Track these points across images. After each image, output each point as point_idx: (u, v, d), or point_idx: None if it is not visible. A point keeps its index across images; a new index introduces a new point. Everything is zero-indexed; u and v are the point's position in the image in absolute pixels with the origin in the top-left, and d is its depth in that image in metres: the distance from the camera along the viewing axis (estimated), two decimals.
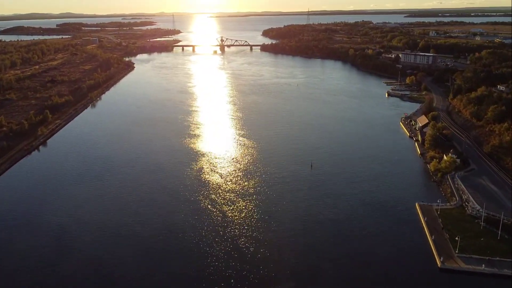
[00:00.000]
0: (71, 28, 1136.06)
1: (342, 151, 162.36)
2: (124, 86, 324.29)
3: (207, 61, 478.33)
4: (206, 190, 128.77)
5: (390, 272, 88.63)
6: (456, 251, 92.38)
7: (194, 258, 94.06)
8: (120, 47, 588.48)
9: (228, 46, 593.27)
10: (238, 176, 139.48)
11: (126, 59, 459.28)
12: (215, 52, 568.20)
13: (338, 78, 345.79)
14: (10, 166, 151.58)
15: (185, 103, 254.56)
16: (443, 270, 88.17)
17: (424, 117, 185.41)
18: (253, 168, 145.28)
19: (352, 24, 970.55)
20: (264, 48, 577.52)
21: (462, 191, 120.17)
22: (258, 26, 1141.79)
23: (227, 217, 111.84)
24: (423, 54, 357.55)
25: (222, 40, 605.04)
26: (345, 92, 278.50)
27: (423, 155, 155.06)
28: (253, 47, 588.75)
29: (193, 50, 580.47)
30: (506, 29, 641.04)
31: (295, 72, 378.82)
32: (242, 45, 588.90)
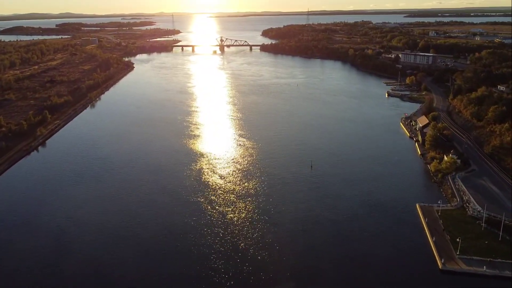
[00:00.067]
0: (71, 28, 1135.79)
1: (342, 152, 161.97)
2: (123, 86, 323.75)
3: (207, 61, 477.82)
4: (205, 190, 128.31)
5: (390, 274, 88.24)
6: (457, 253, 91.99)
7: (194, 258, 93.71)
8: (119, 47, 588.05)
9: (228, 46, 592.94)
10: (238, 176, 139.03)
11: (126, 59, 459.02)
12: (215, 52, 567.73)
13: (337, 78, 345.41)
14: (9, 167, 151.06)
15: (184, 103, 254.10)
16: (444, 271, 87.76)
17: (424, 117, 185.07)
18: (252, 169, 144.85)
19: (352, 24, 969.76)
20: (263, 48, 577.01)
21: (463, 192, 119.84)
22: (257, 26, 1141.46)
23: (226, 218, 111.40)
24: (423, 54, 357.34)
25: (222, 40, 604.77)
26: (345, 92, 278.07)
27: (423, 155, 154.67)
28: (252, 47, 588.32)
29: (192, 50, 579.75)
30: (506, 29, 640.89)
31: (295, 72, 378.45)
32: (242, 45, 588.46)
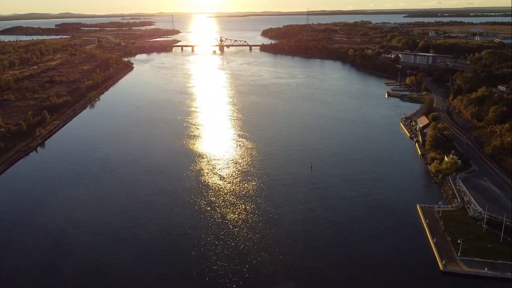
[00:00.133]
0: (70, 28, 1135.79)
1: (342, 152, 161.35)
2: (123, 87, 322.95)
3: (206, 61, 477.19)
4: (205, 191, 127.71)
5: (391, 275, 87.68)
6: (458, 254, 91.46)
7: (194, 259, 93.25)
8: (119, 47, 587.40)
9: (228, 46, 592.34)
10: (238, 177, 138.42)
11: (125, 59, 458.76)
12: (214, 52, 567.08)
13: (337, 78, 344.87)
14: (7, 168, 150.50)
15: (184, 103, 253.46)
16: (445, 273, 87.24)
17: (425, 117, 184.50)
18: (252, 170, 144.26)
19: (352, 24, 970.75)
20: (263, 48, 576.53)
21: (463, 192, 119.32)
22: (257, 26, 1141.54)
23: (226, 218, 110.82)
24: (423, 54, 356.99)
25: (221, 40, 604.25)
26: (344, 93, 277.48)
27: (423, 156, 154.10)
28: (252, 47, 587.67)
29: (192, 50, 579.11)
30: (506, 29, 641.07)
31: (295, 72, 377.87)
32: (242, 45, 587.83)
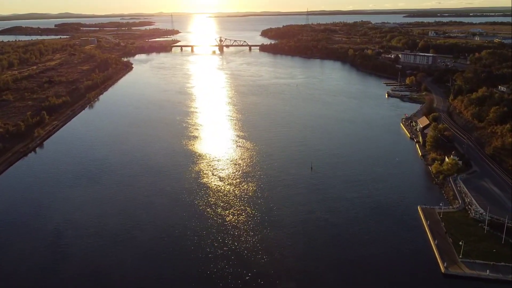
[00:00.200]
0: (70, 28, 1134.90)
1: (342, 153, 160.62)
2: (122, 87, 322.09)
3: (206, 61, 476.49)
4: (205, 192, 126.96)
5: (391, 277, 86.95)
6: (460, 256, 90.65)
7: (193, 261, 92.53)
8: (118, 47, 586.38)
9: (227, 46, 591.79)
10: (237, 178, 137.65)
11: (125, 59, 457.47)
12: (214, 52, 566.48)
13: (337, 78, 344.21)
14: (6, 169, 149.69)
15: (183, 104, 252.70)
16: (447, 275, 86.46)
17: (425, 118, 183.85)
18: (252, 170, 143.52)
19: (351, 24, 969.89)
20: (263, 48, 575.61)
21: (464, 194, 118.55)
22: (257, 26, 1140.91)
23: (226, 220, 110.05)
24: (422, 54, 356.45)
25: (221, 40, 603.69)
26: (344, 93, 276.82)
27: (424, 156, 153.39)
28: (252, 47, 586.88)
29: (191, 51, 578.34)
30: (506, 29, 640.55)
31: (294, 72, 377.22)
32: (241, 45, 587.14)
